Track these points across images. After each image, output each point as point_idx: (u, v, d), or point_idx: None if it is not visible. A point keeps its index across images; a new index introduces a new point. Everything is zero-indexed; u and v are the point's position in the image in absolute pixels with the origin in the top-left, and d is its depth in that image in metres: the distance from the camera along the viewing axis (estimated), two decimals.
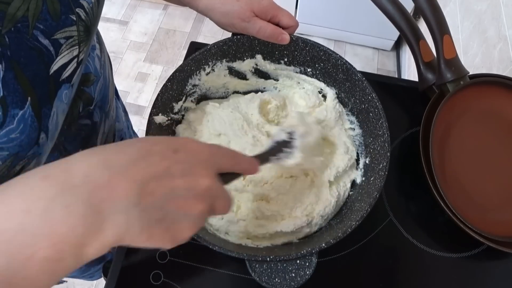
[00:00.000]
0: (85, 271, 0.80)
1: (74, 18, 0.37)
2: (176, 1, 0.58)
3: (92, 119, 0.53)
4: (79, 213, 0.24)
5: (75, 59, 0.39)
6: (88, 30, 0.40)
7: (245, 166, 0.35)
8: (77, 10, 0.38)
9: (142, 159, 0.27)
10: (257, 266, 0.44)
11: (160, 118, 0.53)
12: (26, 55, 0.33)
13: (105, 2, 2.21)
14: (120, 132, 0.73)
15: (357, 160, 0.58)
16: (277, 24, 0.56)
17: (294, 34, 0.57)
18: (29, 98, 0.33)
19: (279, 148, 0.44)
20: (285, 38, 0.55)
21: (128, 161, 0.26)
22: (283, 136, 0.46)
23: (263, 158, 0.42)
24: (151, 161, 0.27)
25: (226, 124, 0.55)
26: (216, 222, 0.51)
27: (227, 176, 0.34)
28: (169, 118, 0.55)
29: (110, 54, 0.67)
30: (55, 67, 0.36)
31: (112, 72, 0.65)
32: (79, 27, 0.38)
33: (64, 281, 0.78)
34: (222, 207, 0.31)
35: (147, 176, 0.26)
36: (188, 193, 0.28)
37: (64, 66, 0.37)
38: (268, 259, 0.43)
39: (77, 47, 0.39)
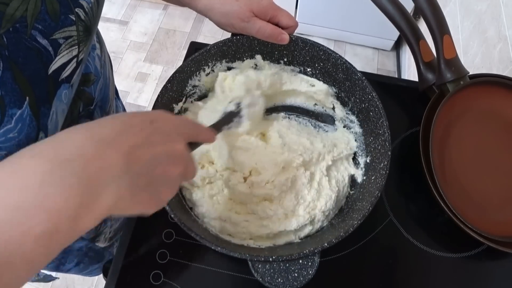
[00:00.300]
0: (84, 269, 0.80)
1: (74, 18, 0.37)
2: (175, 1, 0.58)
3: (93, 118, 0.53)
4: (74, 185, 0.25)
5: (75, 59, 0.39)
6: (88, 30, 0.40)
7: (205, 135, 0.39)
8: (77, 10, 0.38)
9: (124, 131, 0.29)
10: (259, 266, 0.44)
11: None
12: (25, 55, 0.33)
13: (105, 2, 2.20)
14: None
15: (358, 159, 0.58)
16: (277, 24, 0.56)
17: (294, 34, 0.57)
18: (27, 97, 0.33)
19: (229, 119, 0.50)
20: (285, 38, 0.55)
21: (113, 134, 0.28)
22: (231, 107, 0.52)
23: (217, 127, 0.47)
24: (133, 132, 0.29)
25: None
26: (218, 224, 0.51)
27: (192, 145, 0.38)
28: None
29: (110, 54, 0.67)
30: (54, 67, 0.36)
31: (113, 72, 0.65)
32: (79, 27, 0.38)
33: (57, 277, 0.78)
34: (192, 171, 0.35)
35: (132, 145, 0.28)
36: (168, 158, 0.31)
37: (63, 66, 0.38)
38: (270, 259, 0.43)
39: (76, 47, 0.39)
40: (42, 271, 0.70)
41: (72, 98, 0.45)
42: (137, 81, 1.83)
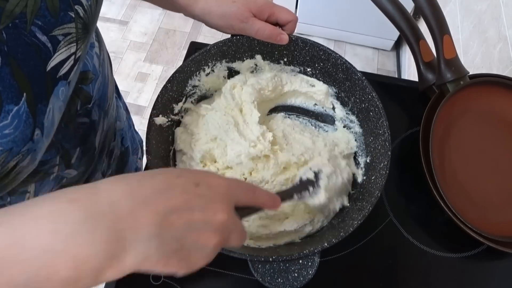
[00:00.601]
0: None
1: (73, 15, 0.37)
2: (171, 7, 0.58)
3: (91, 117, 0.53)
4: (103, 239, 0.25)
5: (73, 56, 0.39)
6: (86, 28, 0.40)
7: (265, 201, 0.36)
8: (76, 7, 0.38)
9: (164, 191, 0.28)
10: (259, 266, 0.44)
11: (160, 120, 0.53)
12: (23, 51, 0.33)
13: (105, 2, 2.20)
14: (120, 131, 0.73)
15: (358, 159, 0.58)
16: (276, 22, 0.56)
17: (294, 34, 0.57)
18: (24, 94, 0.33)
19: (304, 186, 0.46)
20: (284, 38, 0.55)
21: (151, 193, 0.28)
22: (309, 175, 0.47)
23: (287, 194, 0.44)
24: (173, 194, 0.29)
25: (220, 128, 0.55)
26: None
27: (246, 210, 0.35)
28: (169, 119, 0.55)
29: (110, 54, 0.67)
30: (52, 63, 0.36)
31: (112, 71, 0.64)
32: (78, 24, 0.38)
33: None
34: (235, 240, 0.32)
35: (168, 208, 0.28)
36: (205, 226, 0.29)
37: (62, 63, 0.37)
38: (270, 259, 0.43)
39: (75, 44, 0.38)
40: None
41: (70, 96, 0.44)
42: (137, 81, 1.83)
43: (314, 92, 0.61)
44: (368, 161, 0.55)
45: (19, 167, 0.36)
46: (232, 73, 0.61)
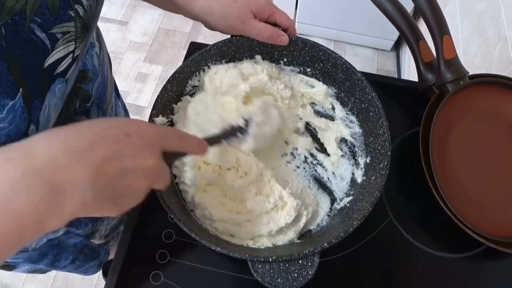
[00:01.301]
0: (80, 266, 0.80)
1: (73, 14, 0.38)
2: (171, 7, 0.57)
3: (89, 116, 0.53)
4: (42, 194, 0.27)
5: (71, 55, 0.39)
6: (86, 27, 0.40)
7: (193, 147, 0.39)
8: (76, 6, 0.38)
9: (97, 143, 0.30)
10: (259, 266, 0.44)
11: (160, 120, 0.53)
12: (21, 47, 0.34)
13: (105, 2, 2.20)
14: None
15: (358, 160, 0.58)
16: (275, 24, 0.56)
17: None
18: (20, 89, 0.34)
19: (233, 132, 0.47)
20: (284, 39, 0.55)
21: (85, 146, 0.30)
22: (240, 122, 0.48)
23: (214, 140, 0.45)
24: (105, 145, 0.31)
25: (202, 118, 0.54)
26: (221, 226, 0.50)
27: (174, 155, 0.38)
28: (169, 119, 0.55)
29: (110, 54, 0.67)
30: (50, 60, 0.37)
31: (111, 71, 0.65)
32: (77, 23, 0.39)
33: (48, 269, 0.78)
34: (162, 182, 0.35)
35: (102, 159, 0.30)
36: (136, 173, 0.32)
37: (59, 61, 0.38)
38: (270, 259, 0.43)
39: (73, 42, 0.39)
40: (39, 266, 0.71)
41: (69, 94, 0.45)
42: (137, 81, 1.83)
43: (314, 93, 0.61)
44: (368, 161, 0.55)
45: None
46: None
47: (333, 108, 0.62)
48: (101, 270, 1.33)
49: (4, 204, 0.26)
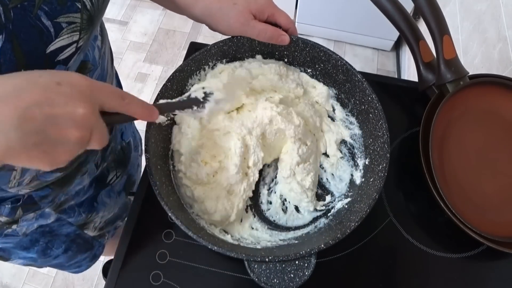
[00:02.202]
0: (72, 257, 0.79)
1: (79, 6, 0.39)
2: (173, 7, 0.57)
3: None
4: None
5: (74, 44, 0.40)
6: (91, 20, 0.41)
7: (137, 110, 0.37)
8: None
9: (26, 88, 0.30)
10: (256, 266, 0.44)
11: (160, 118, 0.52)
12: (27, 31, 0.35)
13: None
14: (120, 125, 0.74)
15: (357, 161, 0.58)
16: (275, 24, 0.56)
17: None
18: (22, 70, 0.35)
19: (189, 103, 0.45)
20: (285, 39, 0.55)
21: (13, 90, 0.29)
22: (199, 95, 0.47)
23: (168, 107, 0.43)
24: (34, 91, 0.30)
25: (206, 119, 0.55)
26: (218, 221, 0.51)
27: (115, 116, 0.36)
28: (169, 118, 0.55)
29: None
30: (52, 47, 0.38)
31: (113, 65, 0.65)
32: (83, 15, 0.40)
33: (41, 260, 0.79)
34: (97, 139, 0.34)
35: (29, 103, 0.29)
36: (66, 120, 0.31)
37: (62, 49, 0.39)
38: (267, 259, 0.43)
39: (78, 33, 0.40)
40: (30, 255, 0.71)
41: None
42: (137, 82, 1.83)
43: (318, 94, 0.61)
44: (367, 163, 0.55)
45: None
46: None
47: (333, 109, 0.62)
48: (101, 270, 1.34)
49: None
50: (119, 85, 0.80)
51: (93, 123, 0.33)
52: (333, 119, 0.62)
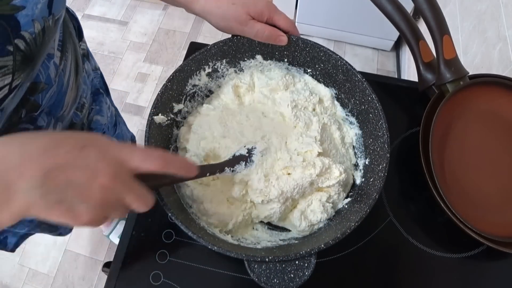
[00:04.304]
0: (38, 232, 0.80)
1: (11, 49, 0.38)
2: (172, 1, 0.58)
3: (36, 124, 0.52)
4: None
5: (7, 86, 0.40)
6: (28, 59, 0.41)
7: (176, 168, 0.37)
8: (16, 41, 0.38)
9: (51, 149, 0.31)
10: (256, 266, 0.44)
11: (160, 118, 0.53)
12: None
13: (105, 2, 2.18)
14: (102, 126, 0.74)
15: (357, 161, 0.58)
16: (275, 26, 0.56)
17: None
18: None
19: (236, 161, 0.47)
20: (283, 39, 0.55)
21: (38, 150, 0.31)
22: (243, 152, 0.49)
23: (217, 167, 0.44)
24: (59, 153, 0.31)
25: (223, 127, 0.55)
26: (217, 221, 0.51)
27: (158, 179, 0.36)
28: (169, 118, 0.55)
29: (110, 55, 0.66)
30: None
31: (79, 78, 0.63)
32: (16, 56, 0.39)
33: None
34: (136, 202, 0.35)
35: (52, 164, 0.31)
36: (84, 185, 0.32)
37: None
38: (267, 259, 0.43)
39: (10, 75, 0.39)
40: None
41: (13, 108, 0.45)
42: (137, 82, 1.83)
43: (322, 97, 0.61)
44: (367, 163, 0.55)
45: None
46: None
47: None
48: (101, 270, 1.33)
49: None
50: (106, 88, 0.79)
51: (119, 187, 0.33)
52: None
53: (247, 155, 0.50)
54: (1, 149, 0.30)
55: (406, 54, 1.76)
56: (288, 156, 0.52)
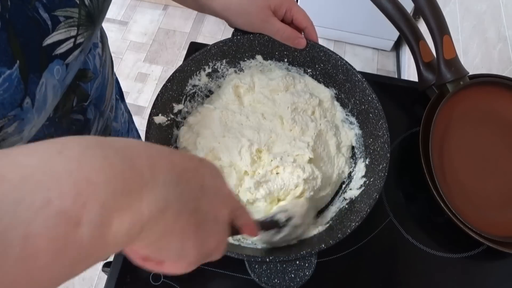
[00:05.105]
0: None
1: (77, 1, 0.39)
2: (195, 6, 0.57)
3: (85, 115, 0.53)
4: (117, 167, 0.20)
5: (72, 39, 0.40)
6: (91, 17, 0.41)
7: (249, 227, 0.34)
8: None
9: (181, 157, 0.26)
10: (256, 266, 0.44)
11: (160, 119, 0.53)
12: (23, 22, 0.34)
13: None
14: (117, 133, 0.74)
15: (357, 161, 0.58)
16: (291, 20, 0.56)
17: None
18: (17, 61, 0.35)
19: (270, 226, 0.45)
20: (302, 42, 0.55)
21: (168, 151, 0.25)
22: (280, 218, 0.46)
23: (260, 225, 0.42)
24: (185, 160, 0.26)
25: (223, 127, 0.56)
26: None
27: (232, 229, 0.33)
28: (169, 118, 0.55)
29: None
30: (49, 41, 0.37)
31: (113, 73, 0.65)
32: (81, 11, 0.40)
33: None
34: (222, 249, 0.29)
35: (185, 166, 0.25)
36: (216, 196, 0.27)
37: (59, 43, 0.39)
38: (267, 259, 0.43)
39: (75, 28, 0.40)
40: None
41: (66, 91, 0.45)
42: (137, 81, 1.83)
43: (322, 98, 0.61)
44: (367, 163, 0.55)
45: (4, 133, 0.36)
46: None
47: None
48: (101, 271, 1.33)
49: (68, 168, 0.19)
50: (120, 93, 0.80)
51: (225, 233, 0.29)
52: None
53: (280, 224, 0.45)
54: (124, 141, 0.23)
55: (406, 54, 1.77)
56: (279, 156, 0.52)
